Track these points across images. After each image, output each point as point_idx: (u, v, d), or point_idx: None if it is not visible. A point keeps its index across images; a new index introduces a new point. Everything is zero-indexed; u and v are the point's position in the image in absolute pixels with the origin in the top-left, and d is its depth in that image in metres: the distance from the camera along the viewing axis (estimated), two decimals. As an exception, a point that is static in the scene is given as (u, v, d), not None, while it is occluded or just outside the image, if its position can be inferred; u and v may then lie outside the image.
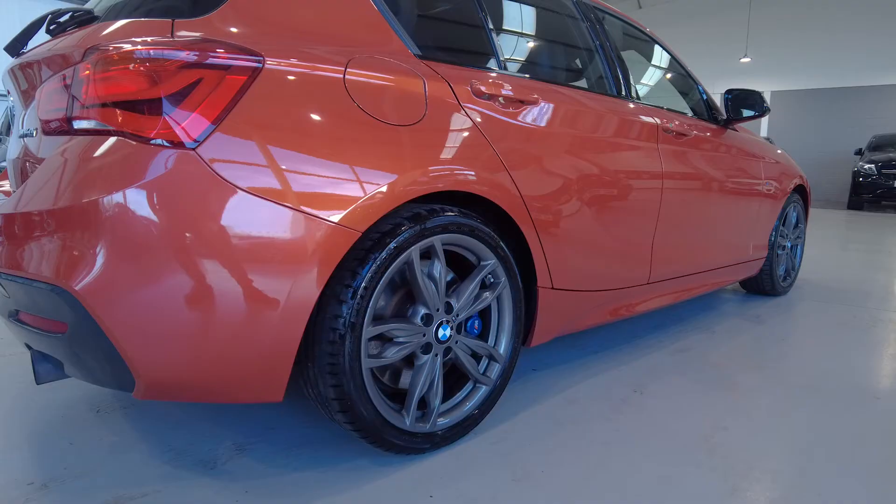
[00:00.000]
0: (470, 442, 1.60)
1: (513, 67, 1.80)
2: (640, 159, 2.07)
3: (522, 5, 1.96)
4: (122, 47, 1.14)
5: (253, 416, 1.75)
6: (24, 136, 1.44)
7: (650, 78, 2.75)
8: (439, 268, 1.47)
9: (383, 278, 1.35)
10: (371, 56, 1.39)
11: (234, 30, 1.25)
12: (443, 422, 1.54)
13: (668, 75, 2.76)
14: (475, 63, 1.67)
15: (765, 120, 14.88)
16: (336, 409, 1.36)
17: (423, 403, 1.53)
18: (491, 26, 1.76)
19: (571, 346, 2.46)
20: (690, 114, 2.71)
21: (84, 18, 1.40)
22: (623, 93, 2.19)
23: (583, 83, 2.11)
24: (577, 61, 2.14)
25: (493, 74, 1.66)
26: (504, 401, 1.88)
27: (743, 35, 14.84)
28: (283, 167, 1.19)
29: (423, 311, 1.47)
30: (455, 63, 1.60)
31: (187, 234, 1.12)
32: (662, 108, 2.38)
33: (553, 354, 2.34)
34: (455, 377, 1.66)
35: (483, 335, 1.69)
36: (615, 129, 1.99)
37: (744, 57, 14.62)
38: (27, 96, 1.44)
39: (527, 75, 1.81)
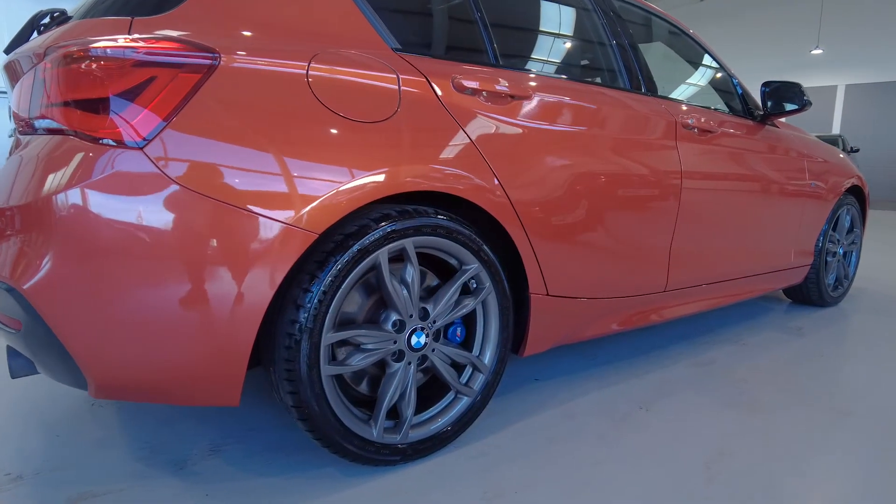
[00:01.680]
0: (448, 455, 1.53)
1: (509, 61, 1.70)
2: (654, 157, 1.92)
3: (524, -6, 1.86)
4: (75, 46, 1.13)
5: (238, 415, 1.74)
6: (11, 134, 1.47)
7: (677, 72, 2.57)
8: (412, 272, 1.39)
9: (346, 282, 1.29)
10: (339, 51, 1.33)
11: (194, 27, 1.22)
12: (417, 433, 1.47)
13: (699, 69, 2.57)
14: (463, 57, 1.59)
15: (837, 116, 13.91)
16: (296, 417, 1.31)
17: (398, 413, 1.46)
18: (484, 18, 1.67)
19: (581, 355, 2.33)
20: (725, 109, 2.52)
21: (62, 18, 1.41)
22: (637, 87, 2.04)
23: (589, 76, 1.98)
24: (583, 53, 2.01)
25: (480, 68, 1.57)
26: (495, 412, 1.78)
27: (814, 25, 13.91)
28: (236, 166, 1.15)
29: (394, 317, 1.40)
30: (438, 57, 1.52)
31: (132, 235, 1.09)
32: (685, 102, 2.21)
33: (559, 364, 2.23)
34: (437, 387, 1.58)
35: (468, 343, 1.61)
36: (622, 124, 1.86)
37: (815, 48, 13.70)
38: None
39: (522, 69, 1.70)
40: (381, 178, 1.28)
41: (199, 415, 1.74)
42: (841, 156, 3.18)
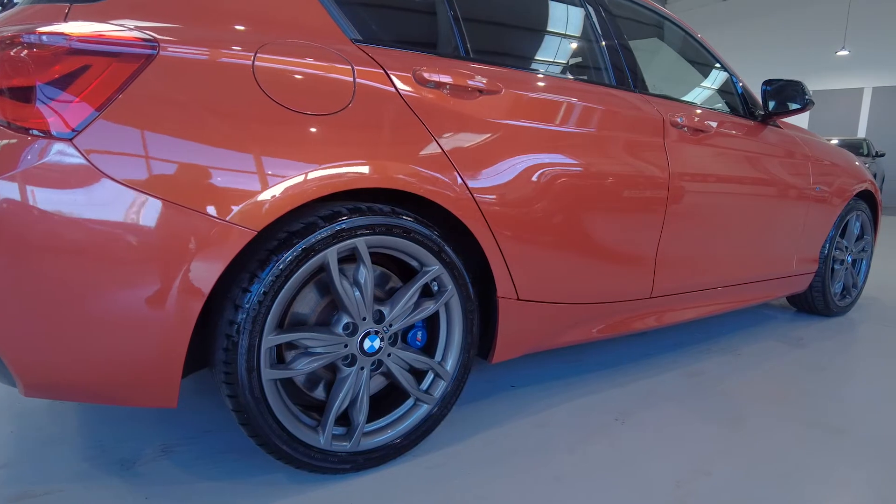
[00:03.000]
0: (404, 465, 1.46)
1: (481, 55, 1.63)
2: (637, 157, 1.83)
3: (504, -15, 1.78)
4: (8, 32, 1.08)
5: (197, 415, 1.69)
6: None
7: (672, 69, 2.47)
8: (365, 273, 1.33)
9: (289, 283, 1.23)
10: (289, 41, 1.27)
11: (136, 15, 1.17)
12: (371, 441, 1.41)
13: (696, 67, 2.47)
14: (430, 49, 1.51)
15: (863, 119, 13.51)
16: (238, 421, 1.26)
17: (350, 420, 1.40)
18: (455, 9, 1.59)
19: (564, 360, 2.25)
20: (725, 109, 2.41)
21: (10, 5, 1.37)
22: (624, 83, 1.95)
23: (570, 71, 1.90)
24: (564, 47, 1.92)
25: (445, 61, 1.50)
26: (462, 420, 1.71)
27: (841, 26, 13.53)
28: (170, 159, 1.10)
29: (346, 319, 1.34)
30: (402, 49, 1.45)
31: (58, 230, 1.05)
32: (678, 100, 2.11)
33: (539, 370, 2.15)
34: (398, 393, 1.52)
35: (431, 348, 1.54)
36: (602, 121, 1.77)
37: (841, 50, 13.33)
38: None
39: (495, 63, 1.63)
40: (327, 173, 1.22)
41: (159, 414, 1.70)
42: (852, 159, 3.04)
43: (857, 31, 13.31)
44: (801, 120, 14.31)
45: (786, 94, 2.33)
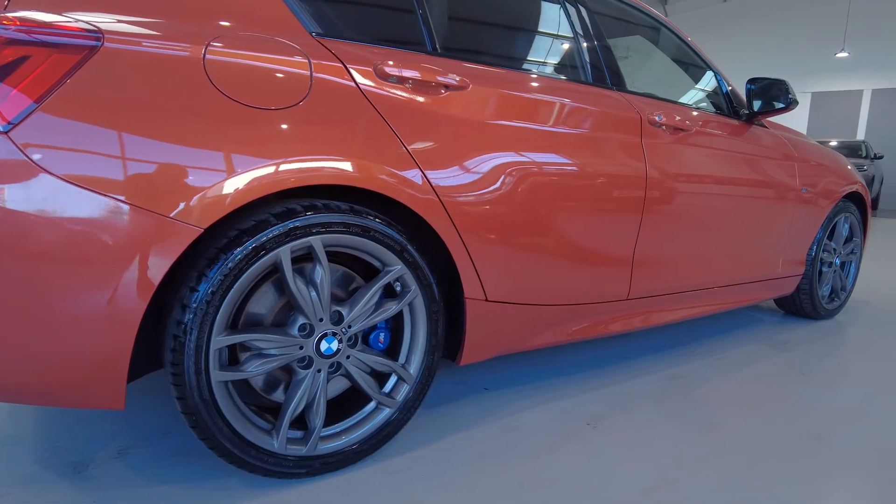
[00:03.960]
0: (364, 470, 1.42)
1: (449, 50, 1.59)
2: (612, 155, 1.79)
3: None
4: None
5: (158, 415, 1.65)
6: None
7: (653, 67, 2.43)
8: (321, 272, 1.29)
9: (239, 282, 1.19)
10: (242, 34, 1.23)
11: (82, 4, 1.13)
12: (328, 445, 1.37)
13: (679, 65, 2.43)
14: (395, 44, 1.47)
15: (862, 121, 13.45)
16: (188, 424, 1.22)
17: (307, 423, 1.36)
18: (422, 3, 1.55)
19: (542, 363, 2.21)
20: (709, 108, 2.37)
21: None
22: (601, 80, 1.91)
23: (543, 67, 1.86)
24: (537, 42, 1.88)
25: (409, 55, 1.46)
26: (428, 423, 1.68)
27: (840, 27, 13.47)
28: (114, 154, 1.06)
29: (301, 320, 1.30)
30: (364, 43, 1.41)
31: (-8, 224, 1.01)
32: (657, 98, 2.07)
33: (514, 372, 2.11)
34: (361, 395, 1.48)
35: (395, 350, 1.50)
36: (575, 118, 1.73)
37: (840, 51, 13.27)
38: None
39: (463, 58, 1.59)
40: (278, 170, 1.18)
41: (120, 414, 1.66)
42: (841, 160, 3.00)
43: (857, 33, 13.26)
44: (800, 122, 14.26)
45: (771, 94, 2.29)
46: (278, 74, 1.23)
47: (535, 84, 1.69)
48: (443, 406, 1.80)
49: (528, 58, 1.85)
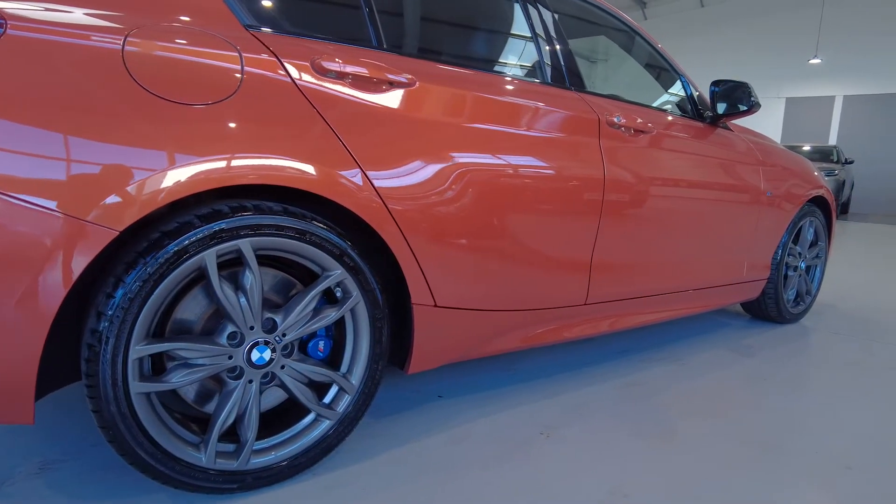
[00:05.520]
0: (301, 484, 1.36)
1: (396, 45, 1.53)
2: (567, 156, 1.75)
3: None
4: None
5: (85, 427, 1.57)
6: None
7: (615, 68, 2.40)
8: (251, 278, 1.22)
9: (160, 288, 1.12)
10: (166, 25, 1.16)
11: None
12: (263, 459, 1.30)
13: (644, 67, 2.40)
14: (337, 38, 1.41)
15: (834, 126, 13.69)
16: (106, 439, 1.14)
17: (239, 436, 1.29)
18: (368, -5, 1.49)
19: (500, 369, 2.16)
20: (674, 110, 2.34)
21: None
22: (559, 80, 1.87)
23: (497, 66, 1.81)
24: (491, 41, 1.84)
25: (351, 50, 1.40)
26: (375, 434, 1.61)
27: (813, 34, 13.69)
28: (19, 150, 0.98)
29: (230, 328, 1.23)
30: (302, 36, 1.35)
31: None
32: (618, 99, 2.04)
33: (472, 379, 2.05)
34: (301, 406, 1.41)
35: (337, 359, 1.44)
36: (528, 118, 1.68)
37: (814, 58, 13.49)
38: None
39: (410, 54, 1.53)
40: (201, 168, 1.11)
41: (41, 427, 1.57)
42: (806, 164, 3.00)
43: (829, 41, 13.49)
44: (775, 127, 14.46)
45: (735, 96, 2.27)
46: (205, 68, 1.16)
47: (487, 83, 1.64)
48: (393, 415, 1.74)
49: (481, 56, 1.80)
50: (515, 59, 1.85)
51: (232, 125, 1.16)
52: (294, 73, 1.27)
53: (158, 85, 1.10)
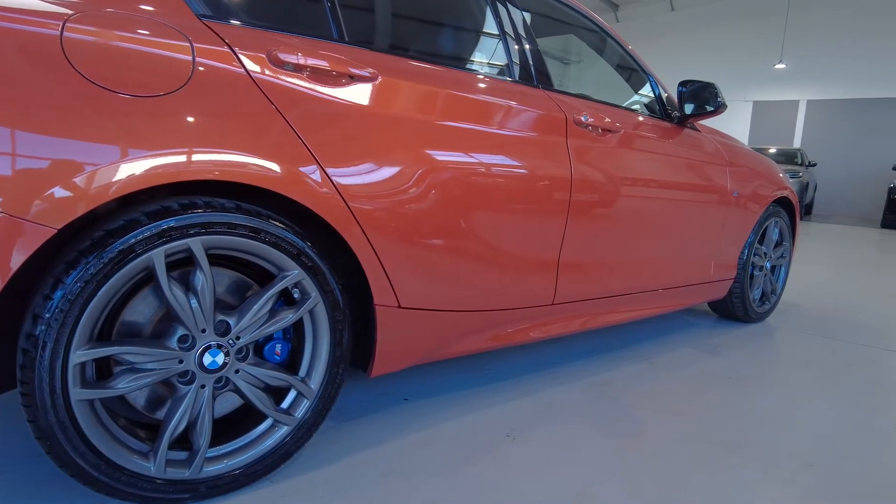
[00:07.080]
0: (258, 492, 1.30)
1: (359, 39, 1.49)
2: (535, 155, 1.73)
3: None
4: None
5: (30, 436, 1.49)
6: None
7: (584, 67, 2.39)
8: (202, 278, 1.17)
9: (104, 289, 1.06)
10: (110, 12, 1.10)
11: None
12: (217, 467, 1.25)
13: (612, 66, 2.40)
14: (295, 30, 1.37)
15: (798, 130, 14.05)
16: (43, 450, 1.08)
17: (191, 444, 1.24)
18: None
19: (469, 370, 2.13)
20: (643, 110, 2.35)
21: None
22: (527, 78, 1.85)
23: (463, 63, 1.78)
24: (457, 36, 1.81)
25: (309, 42, 1.36)
26: (337, 439, 1.57)
27: (778, 40, 14.03)
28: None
29: (181, 331, 1.18)
30: (258, 27, 1.30)
31: None
32: (586, 98, 2.03)
33: (440, 380, 2.02)
34: (257, 412, 1.36)
35: (295, 363, 1.39)
36: (493, 116, 1.65)
37: (779, 63, 13.82)
38: None
39: (372, 48, 1.49)
40: (146, 163, 1.05)
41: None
42: (772, 165, 3.04)
43: (793, 47, 13.83)
44: (742, 129, 14.77)
45: (702, 97, 2.28)
46: (153, 58, 1.10)
47: (453, 79, 1.61)
48: (356, 419, 1.69)
49: (447, 52, 1.77)
50: (483, 55, 1.82)
51: (181, 118, 1.11)
52: (249, 64, 1.22)
53: (100, 75, 1.04)
